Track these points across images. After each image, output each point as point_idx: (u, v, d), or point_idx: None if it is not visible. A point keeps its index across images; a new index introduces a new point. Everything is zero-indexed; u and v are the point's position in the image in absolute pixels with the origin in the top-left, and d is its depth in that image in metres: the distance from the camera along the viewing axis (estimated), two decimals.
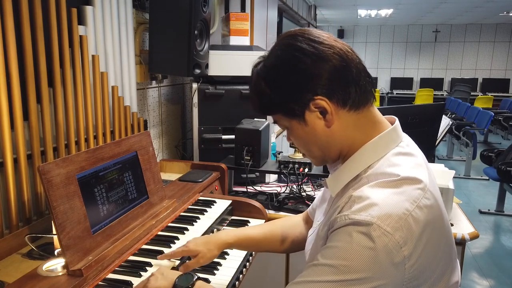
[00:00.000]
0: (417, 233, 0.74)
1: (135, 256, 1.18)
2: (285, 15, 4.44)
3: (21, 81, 1.21)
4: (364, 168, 0.85)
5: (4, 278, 1.04)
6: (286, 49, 0.85)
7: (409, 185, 0.78)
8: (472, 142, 5.64)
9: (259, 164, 1.96)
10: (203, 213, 1.50)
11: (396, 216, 0.73)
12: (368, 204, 0.75)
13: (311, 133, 0.87)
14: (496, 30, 10.67)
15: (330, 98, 0.83)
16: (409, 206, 0.75)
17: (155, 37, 1.90)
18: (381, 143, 0.86)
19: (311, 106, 0.84)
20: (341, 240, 0.74)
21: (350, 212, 0.75)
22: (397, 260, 0.72)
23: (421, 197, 0.77)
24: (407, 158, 0.84)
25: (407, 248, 0.72)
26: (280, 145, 3.65)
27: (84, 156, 1.14)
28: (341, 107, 0.84)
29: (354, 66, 0.84)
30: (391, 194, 0.76)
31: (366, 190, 0.78)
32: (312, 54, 0.82)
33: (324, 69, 0.82)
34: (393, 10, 8.32)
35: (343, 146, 0.88)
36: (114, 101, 1.65)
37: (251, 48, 2.23)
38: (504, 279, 3.25)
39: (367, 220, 0.73)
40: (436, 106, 2.36)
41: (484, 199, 4.98)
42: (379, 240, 0.71)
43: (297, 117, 0.86)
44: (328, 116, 0.84)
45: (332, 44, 0.84)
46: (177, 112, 2.49)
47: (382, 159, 0.84)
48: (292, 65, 0.84)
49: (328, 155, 0.91)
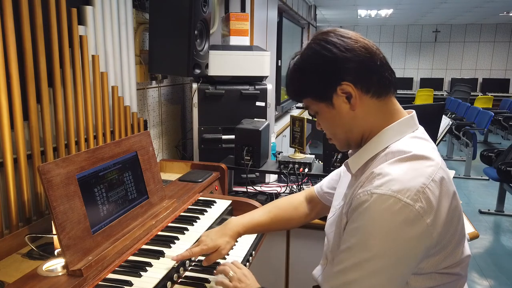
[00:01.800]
0: (435, 203, 0.81)
1: (135, 256, 1.18)
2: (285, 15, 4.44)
3: (21, 81, 1.21)
4: (383, 148, 0.94)
5: (4, 278, 1.04)
6: (320, 42, 0.96)
7: (423, 162, 0.86)
8: (472, 142, 5.64)
9: (259, 164, 1.96)
10: (203, 213, 1.50)
11: (414, 189, 0.81)
12: (388, 180, 0.82)
13: (337, 116, 0.97)
14: (496, 30, 10.67)
15: (355, 84, 0.93)
16: (425, 180, 0.82)
17: (155, 37, 1.89)
18: (399, 128, 0.95)
19: (338, 90, 0.94)
20: (366, 219, 0.82)
21: (372, 187, 0.83)
22: (420, 228, 0.80)
23: (435, 172, 0.85)
24: (423, 142, 0.94)
25: (428, 217, 0.80)
26: (280, 145, 3.66)
27: (84, 156, 1.14)
28: (364, 93, 0.94)
29: (378, 59, 0.95)
30: (408, 170, 0.84)
31: (385, 167, 0.86)
32: (341, 46, 0.93)
33: (351, 59, 0.92)
34: (393, 10, 8.31)
35: (365, 130, 0.98)
36: (114, 101, 1.65)
37: (251, 48, 2.23)
38: (504, 279, 3.25)
39: (388, 194, 0.80)
40: (436, 106, 2.35)
41: (484, 199, 4.98)
42: (400, 211, 0.79)
43: (326, 100, 0.96)
44: (352, 100, 0.94)
45: (358, 39, 0.95)
46: (177, 112, 2.49)
47: (399, 141, 0.93)
48: (323, 55, 0.94)
49: (352, 138, 1.00)
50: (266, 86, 2.17)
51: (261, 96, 2.16)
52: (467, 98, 9.19)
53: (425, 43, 11.07)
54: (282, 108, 4.41)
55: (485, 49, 10.81)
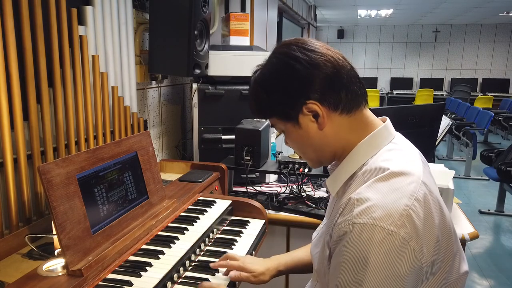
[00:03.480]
0: (420, 226, 0.75)
1: (135, 256, 1.18)
2: (285, 15, 4.45)
3: (21, 81, 1.21)
4: (359, 166, 0.89)
5: (4, 278, 1.04)
6: (281, 57, 0.91)
7: (402, 179, 0.80)
8: (472, 142, 5.64)
9: (259, 164, 1.96)
10: (203, 213, 1.50)
11: (397, 214, 0.75)
12: (368, 207, 0.76)
13: (305, 136, 0.92)
14: (496, 30, 10.67)
15: (321, 102, 0.88)
16: (407, 201, 0.76)
17: (155, 37, 1.89)
18: (373, 141, 0.90)
19: (304, 109, 0.89)
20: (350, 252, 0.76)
21: (352, 216, 0.77)
22: (408, 256, 0.74)
23: (417, 190, 0.79)
24: (399, 153, 0.88)
25: (415, 243, 0.74)
26: (280, 145, 3.65)
27: (84, 156, 1.14)
28: (333, 110, 0.88)
29: (345, 72, 0.88)
30: (387, 192, 0.78)
31: (363, 191, 0.80)
32: (305, 61, 0.87)
33: (316, 75, 0.87)
34: (393, 10, 8.32)
35: (336, 148, 0.92)
36: (114, 101, 1.65)
37: (251, 48, 2.23)
38: (504, 279, 3.25)
39: (370, 223, 0.74)
40: (436, 106, 2.36)
41: (484, 199, 4.98)
42: (385, 241, 0.73)
43: (292, 120, 0.91)
44: (320, 119, 0.89)
45: (324, 52, 0.89)
46: (177, 112, 2.49)
47: (375, 156, 0.88)
48: (286, 71, 0.89)
49: (323, 156, 0.96)
50: None
51: None
52: (467, 98, 9.19)
53: (425, 43, 11.06)
54: None
55: (485, 49, 10.81)
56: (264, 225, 1.60)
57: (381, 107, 8.32)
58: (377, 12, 8.59)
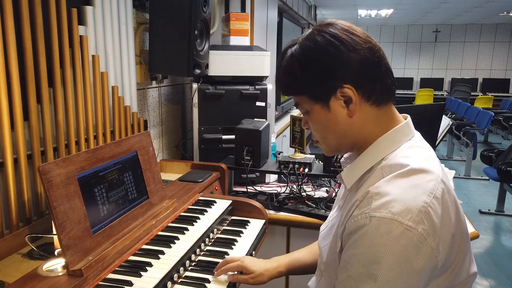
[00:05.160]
0: (438, 223, 0.76)
1: (135, 256, 1.18)
2: (285, 15, 4.44)
3: (21, 81, 1.21)
4: (378, 160, 0.87)
5: (4, 278, 1.04)
6: (324, 34, 0.87)
7: (422, 176, 0.80)
8: (472, 142, 5.64)
9: (259, 164, 1.96)
10: (203, 213, 1.50)
11: (416, 210, 0.74)
12: (387, 201, 0.76)
13: (331, 120, 0.89)
14: (496, 30, 10.67)
15: (357, 89, 0.85)
16: (427, 198, 0.76)
17: (155, 37, 1.89)
18: (394, 137, 0.89)
19: (338, 93, 0.86)
20: (366, 245, 0.75)
21: (370, 209, 0.77)
22: (424, 252, 0.73)
23: (436, 187, 0.79)
24: (420, 150, 0.87)
25: (432, 239, 0.74)
26: (280, 145, 3.65)
27: (84, 156, 1.14)
28: (365, 100, 0.87)
29: (383, 64, 0.88)
30: (407, 188, 0.77)
31: (383, 185, 0.80)
32: (348, 44, 0.85)
33: (357, 61, 0.84)
34: (393, 10, 8.31)
35: (358, 138, 0.91)
36: (114, 101, 1.65)
37: (251, 48, 2.23)
38: (504, 279, 3.24)
39: (388, 217, 0.74)
40: (436, 106, 2.35)
41: (484, 199, 4.98)
42: (403, 236, 0.73)
43: (322, 101, 0.88)
44: (351, 106, 0.87)
45: (367, 39, 0.87)
46: (177, 112, 2.49)
47: (395, 151, 0.87)
48: (328, 50, 0.85)
49: (343, 144, 0.93)
50: (266, 86, 2.17)
51: (261, 96, 2.15)
52: (467, 98, 9.19)
53: (425, 43, 11.06)
54: (282, 108, 4.41)
55: (485, 49, 10.81)
56: (264, 225, 1.60)
57: None
58: (377, 12, 8.59)
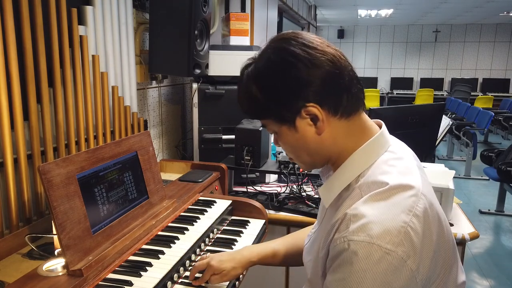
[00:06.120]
0: (418, 244, 0.73)
1: (135, 256, 1.18)
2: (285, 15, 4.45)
3: (21, 81, 1.21)
4: (355, 177, 0.84)
5: (4, 278, 1.04)
6: (279, 53, 0.83)
7: (401, 193, 0.77)
8: (472, 142, 5.63)
9: (259, 164, 1.96)
10: (203, 213, 1.50)
11: (395, 231, 0.72)
12: (365, 223, 0.73)
13: (301, 140, 0.86)
14: (496, 30, 10.66)
15: (322, 106, 0.82)
16: (406, 217, 0.73)
17: (155, 37, 1.89)
18: (369, 150, 0.85)
19: (303, 113, 0.83)
20: (346, 271, 0.73)
21: (348, 233, 0.74)
22: (404, 275, 0.71)
23: (416, 204, 0.76)
24: (397, 163, 0.84)
25: (412, 261, 0.72)
26: None
27: (84, 156, 1.14)
28: (332, 114, 0.83)
29: (346, 73, 0.83)
30: (385, 208, 0.75)
31: (360, 206, 0.76)
32: (306, 60, 0.80)
33: (317, 76, 0.80)
34: (393, 10, 8.31)
35: (332, 153, 0.88)
36: (114, 101, 1.65)
37: (251, 48, 2.23)
38: (504, 279, 3.24)
39: (366, 241, 0.71)
40: (436, 106, 2.36)
41: (484, 199, 4.98)
42: (383, 260, 0.70)
43: (288, 123, 0.85)
44: (319, 124, 0.83)
45: (325, 50, 0.82)
46: (177, 112, 2.49)
47: (372, 167, 0.83)
48: (285, 70, 0.82)
49: (317, 161, 0.91)
50: None
51: None
52: (467, 98, 9.19)
53: (425, 43, 11.06)
54: None
55: (485, 49, 10.81)
56: (264, 225, 1.60)
57: (381, 107, 8.32)
58: (377, 12, 8.59)
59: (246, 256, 1.15)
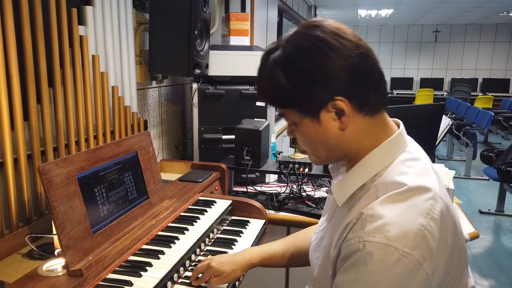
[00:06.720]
0: (434, 248, 0.71)
1: (135, 256, 1.18)
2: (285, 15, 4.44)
3: (21, 81, 1.21)
4: (372, 176, 0.82)
5: (4, 278, 1.04)
6: (312, 40, 0.77)
7: (419, 195, 0.75)
8: (472, 142, 5.63)
9: (259, 164, 1.96)
10: (203, 213, 1.50)
11: (412, 234, 0.70)
12: (382, 225, 0.71)
13: (322, 133, 0.82)
14: (496, 30, 10.66)
15: (350, 100, 0.78)
16: (423, 220, 0.72)
17: (155, 37, 1.89)
18: (387, 150, 0.83)
19: (329, 106, 0.79)
20: (360, 272, 0.71)
21: (364, 233, 0.72)
22: (419, 279, 0.70)
23: (433, 207, 0.74)
24: (414, 164, 0.81)
25: (428, 265, 0.70)
26: (280, 145, 3.65)
27: (84, 156, 1.14)
28: (358, 111, 0.79)
29: (376, 69, 0.81)
30: (403, 210, 0.73)
31: (377, 207, 0.74)
32: (339, 51, 0.76)
33: (349, 69, 0.77)
34: (393, 10, 8.31)
35: (350, 150, 0.84)
36: (114, 101, 1.65)
37: (251, 48, 2.23)
38: (504, 279, 3.25)
39: (383, 243, 0.70)
40: (436, 106, 2.36)
41: (484, 199, 4.98)
42: (399, 263, 0.69)
43: (311, 115, 0.81)
44: (344, 119, 0.80)
45: (359, 43, 0.79)
46: (177, 112, 2.49)
47: (390, 167, 0.81)
48: (316, 58, 0.76)
49: (332, 157, 0.88)
50: None
51: None
52: (467, 98, 9.19)
53: (425, 43, 11.06)
54: None
55: (485, 49, 10.81)
56: (264, 225, 1.60)
57: None
58: (377, 12, 8.58)
59: (246, 258, 1.14)
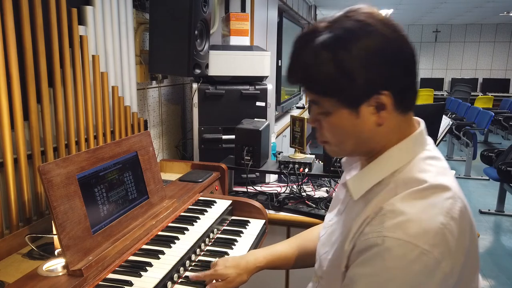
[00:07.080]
0: (453, 247, 0.71)
1: (135, 256, 1.18)
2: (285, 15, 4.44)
3: (21, 81, 1.21)
4: (391, 172, 0.80)
5: (4, 278, 1.04)
6: (364, 27, 0.72)
7: (440, 194, 0.74)
8: (472, 142, 5.63)
9: (259, 164, 1.96)
10: (203, 213, 1.50)
11: (432, 232, 0.70)
12: (403, 221, 0.70)
13: (357, 127, 0.78)
14: (496, 30, 10.67)
15: (393, 95, 0.75)
16: (444, 219, 0.71)
17: (155, 37, 1.89)
18: (409, 147, 0.81)
19: (372, 99, 0.75)
20: (377, 266, 0.70)
21: (384, 229, 0.71)
22: (438, 277, 0.69)
23: (453, 206, 0.74)
24: (435, 162, 0.81)
25: (446, 264, 0.70)
26: (280, 145, 3.65)
27: (84, 156, 1.14)
28: (395, 107, 0.77)
29: (416, 67, 0.79)
30: (424, 207, 0.72)
31: (398, 203, 0.73)
32: (392, 41, 0.73)
33: (401, 63, 0.74)
34: (393, 10, 8.31)
35: (377, 146, 0.82)
36: (114, 101, 1.65)
37: (251, 48, 2.23)
38: (504, 279, 3.24)
39: (404, 240, 0.69)
40: (436, 106, 2.36)
41: (484, 199, 4.98)
42: (418, 260, 0.68)
43: (351, 106, 0.76)
44: (383, 113, 0.76)
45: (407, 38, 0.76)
46: (177, 112, 2.49)
47: (410, 164, 0.80)
48: (376, 49, 0.72)
49: (358, 151, 0.85)
50: (266, 86, 2.17)
51: (261, 96, 2.16)
52: (467, 98, 9.20)
53: (425, 43, 11.06)
54: (282, 108, 4.41)
55: (485, 49, 10.81)
56: (264, 225, 1.60)
57: None
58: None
59: (251, 262, 1.13)
